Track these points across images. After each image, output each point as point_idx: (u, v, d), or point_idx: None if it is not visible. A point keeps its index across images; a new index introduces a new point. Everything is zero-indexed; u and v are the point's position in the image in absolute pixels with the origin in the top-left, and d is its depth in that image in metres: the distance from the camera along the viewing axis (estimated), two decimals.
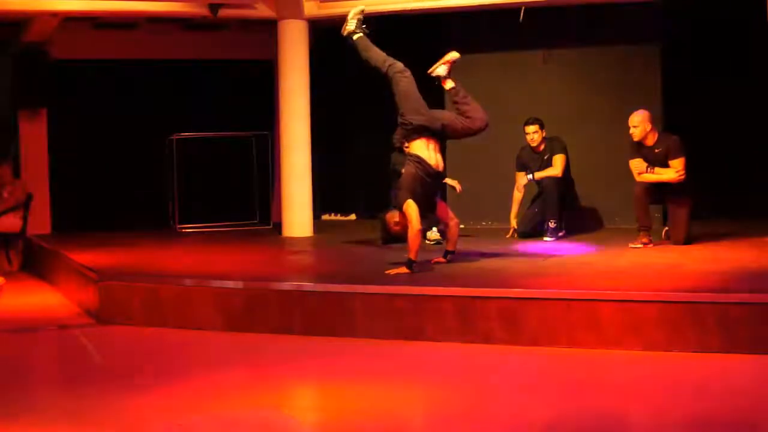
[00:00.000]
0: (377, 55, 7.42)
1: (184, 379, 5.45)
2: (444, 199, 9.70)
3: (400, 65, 7.36)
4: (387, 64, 7.36)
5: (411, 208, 7.01)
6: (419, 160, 7.18)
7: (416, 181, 7.13)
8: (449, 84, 7.44)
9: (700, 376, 5.28)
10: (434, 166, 7.21)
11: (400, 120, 7.36)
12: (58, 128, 11.77)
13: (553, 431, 4.42)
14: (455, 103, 7.46)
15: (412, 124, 7.24)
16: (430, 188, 7.23)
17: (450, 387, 5.19)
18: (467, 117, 7.36)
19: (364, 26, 7.49)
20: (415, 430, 4.64)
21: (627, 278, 6.58)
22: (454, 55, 7.46)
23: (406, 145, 8.40)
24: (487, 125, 7.42)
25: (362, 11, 7.54)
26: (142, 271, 7.75)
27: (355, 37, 7.48)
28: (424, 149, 7.22)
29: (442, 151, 7.39)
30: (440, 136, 7.33)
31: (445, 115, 7.44)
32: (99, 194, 12.04)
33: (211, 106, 12.31)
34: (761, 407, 4.69)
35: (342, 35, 7.55)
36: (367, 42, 7.47)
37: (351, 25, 7.48)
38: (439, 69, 7.43)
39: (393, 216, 7.35)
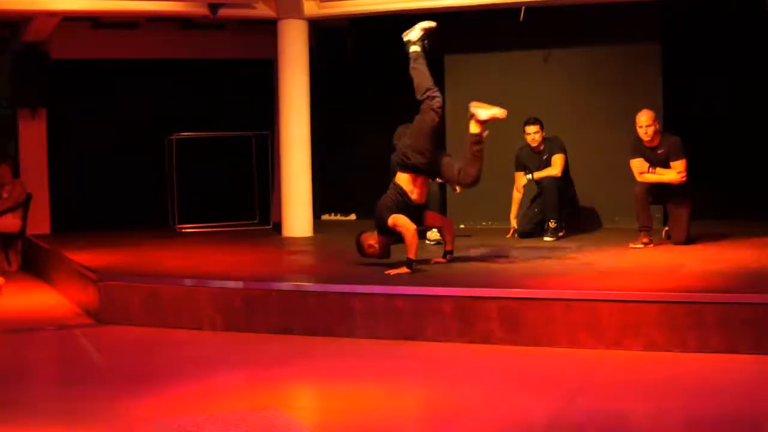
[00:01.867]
0: (423, 78, 7.16)
1: (183, 379, 5.45)
2: (443, 199, 9.73)
3: (438, 102, 7.12)
4: (426, 94, 7.13)
5: (399, 219, 7.05)
6: (401, 192, 7.18)
7: (396, 207, 7.14)
8: (475, 129, 7.08)
9: (700, 376, 5.28)
10: (415, 200, 7.22)
11: (401, 149, 7.22)
12: (57, 128, 11.76)
13: (553, 431, 4.42)
14: (471, 147, 7.13)
15: (410, 161, 7.16)
16: (408, 215, 7.18)
17: (450, 387, 5.18)
18: (463, 172, 7.14)
19: (425, 41, 7.21)
20: (415, 430, 4.63)
21: (627, 278, 6.58)
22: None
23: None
24: (475, 183, 7.23)
25: (432, 28, 7.24)
26: (142, 271, 7.74)
27: (411, 48, 7.21)
28: (409, 184, 7.20)
29: (433, 177, 7.41)
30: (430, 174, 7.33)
31: (444, 160, 7.23)
32: (99, 194, 12.03)
33: (211, 106, 12.31)
34: (761, 407, 4.69)
35: (402, 37, 7.28)
36: (421, 60, 7.18)
37: (413, 35, 7.22)
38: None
39: (368, 238, 7.29)
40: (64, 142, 11.83)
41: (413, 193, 7.20)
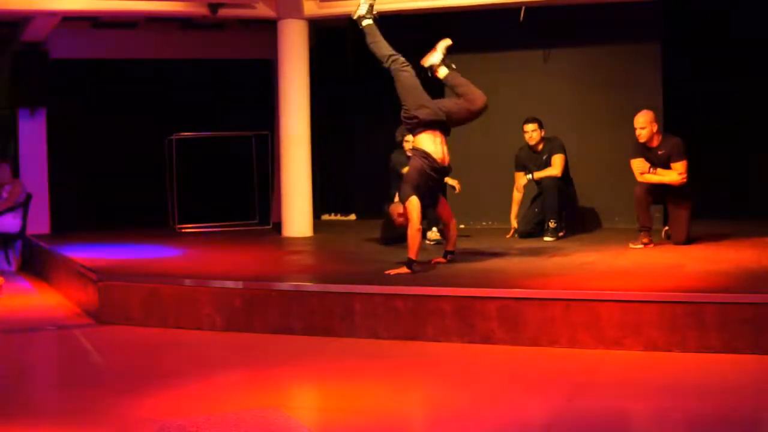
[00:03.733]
0: (382, 47, 7.34)
1: (183, 380, 5.45)
2: (444, 198, 9.73)
3: (401, 59, 7.30)
4: (390, 60, 7.29)
5: (413, 205, 6.99)
6: (426, 155, 7.13)
7: (422, 176, 7.10)
8: (443, 72, 7.38)
9: (700, 376, 5.27)
10: (440, 161, 7.17)
11: (403, 115, 7.27)
12: (57, 128, 11.76)
13: (552, 431, 4.42)
14: (454, 87, 7.41)
15: (417, 118, 7.17)
16: (435, 183, 7.22)
17: (450, 387, 5.18)
18: (467, 99, 7.29)
19: (375, 14, 7.40)
20: (415, 430, 4.63)
21: (627, 278, 6.57)
22: (446, 42, 7.42)
23: (407, 140, 8.37)
24: (486, 105, 7.33)
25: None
26: (142, 271, 7.74)
27: (364, 23, 7.39)
28: (431, 143, 7.16)
29: (447, 130, 7.41)
30: (445, 127, 7.30)
31: (447, 104, 7.37)
32: (99, 194, 12.04)
33: (211, 105, 12.32)
34: (761, 407, 4.69)
35: (352, 19, 7.50)
36: (375, 31, 7.38)
37: (362, 9, 7.39)
38: (433, 57, 7.39)
39: (397, 208, 7.22)
40: (63, 142, 11.83)
41: (437, 153, 7.16)
